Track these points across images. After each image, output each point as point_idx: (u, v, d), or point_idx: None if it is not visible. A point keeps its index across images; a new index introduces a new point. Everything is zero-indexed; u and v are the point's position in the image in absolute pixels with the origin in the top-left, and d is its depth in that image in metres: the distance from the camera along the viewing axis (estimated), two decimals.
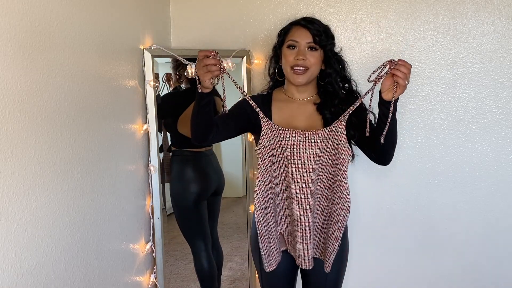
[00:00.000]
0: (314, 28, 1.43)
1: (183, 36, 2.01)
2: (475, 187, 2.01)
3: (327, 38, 1.45)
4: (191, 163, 2.11)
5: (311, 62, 1.42)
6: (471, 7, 1.89)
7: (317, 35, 1.43)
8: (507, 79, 1.92)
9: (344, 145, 1.36)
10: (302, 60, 1.41)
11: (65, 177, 1.17)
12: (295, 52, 1.43)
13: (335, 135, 1.38)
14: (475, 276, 2.09)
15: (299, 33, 1.44)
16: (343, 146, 1.37)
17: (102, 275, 1.41)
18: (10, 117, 0.93)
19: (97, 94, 1.36)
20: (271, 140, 1.40)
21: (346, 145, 1.36)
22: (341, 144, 1.37)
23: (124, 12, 1.57)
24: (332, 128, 1.38)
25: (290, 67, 1.44)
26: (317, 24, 1.45)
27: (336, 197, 1.42)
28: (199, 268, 2.12)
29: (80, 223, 1.26)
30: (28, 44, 1.00)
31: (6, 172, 0.93)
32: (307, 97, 1.51)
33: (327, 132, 1.38)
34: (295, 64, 1.42)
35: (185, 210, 2.08)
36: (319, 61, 1.45)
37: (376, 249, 2.10)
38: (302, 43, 1.43)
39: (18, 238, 0.98)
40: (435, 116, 1.97)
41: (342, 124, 1.37)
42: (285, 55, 1.46)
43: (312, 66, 1.43)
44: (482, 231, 2.04)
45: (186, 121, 2.02)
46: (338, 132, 1.37)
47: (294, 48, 1.44)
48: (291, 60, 1.43)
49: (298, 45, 1.43)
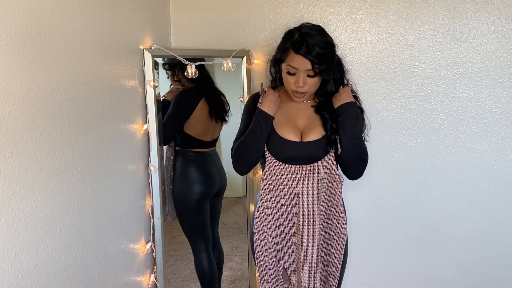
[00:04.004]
0: (313, 56, 1.36)
1: (183, 36, 2.00)
2: (475, 187, 2.01)
3: (327, 64, 1.40)
4: (195, 163, 2.10)
5: (310, 84, 1.43)
6: (471, 7, 1.89)
7: (316, 63, 1.37)
8: (507, 79, 1.92)
9: (336, 173, 1.48)
10: (302, 88, 1.42)
11: (65, 177, 1.17)
12: (294, 78, 1.42)
13: (328, 165, 1.48)
14: (475, 276, 2.09)
15: (297, 60, 1.38)
16: (335, 174, 1.48)
17: (102, 275, 1.41)
18: (10, 117, 0.93)
19: (97, 94, 1.36)
20: (275, 174, 1.49)
21: (337, 172, 1.47)
22: (333, 172, 1.48)
23: (124, 12, 1.57)
24: (324, 160, 1.47)
25: (291, 90, 1.46)
26: (317, 48, 1.36)
27: (334, 221, 1.51)
28: (200, 268, 2.12)
29: (80, 223, 1.26)
30: (28, 44, 1.00)
31: (6, 172, 0.93)
32: (306, 100, 1.53)
33: (324, 164, 1.47)
34: (295, 90, 1.44)
35: (188, 210, 2.07)
36: (318, 81, 1.45)
37: (376, 249, 2.10)
38: (301, 70, 1.40)
39: (18, 238, 0.98)
40: (435, 116, 1.97)
41: (331, 156, 1.47)
42: (285, 77, 1.45)
43: (312, 88, 1.45)
44: (482, 231, 2.04)
45: (194, 124, 2.03)
46: (329, 162, 1.47)
47: (293, 74, 1.42)
48: (291, 84, 1.44)
49: (298, 72, 1.41)
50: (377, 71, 1.96)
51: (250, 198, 2.00)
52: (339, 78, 1.52)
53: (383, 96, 1.97)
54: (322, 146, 1.47)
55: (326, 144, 1.47)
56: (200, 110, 2.04)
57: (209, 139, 2.11)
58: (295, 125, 1.49)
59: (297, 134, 1.49)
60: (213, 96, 2.07)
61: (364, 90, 1.92)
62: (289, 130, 1.48)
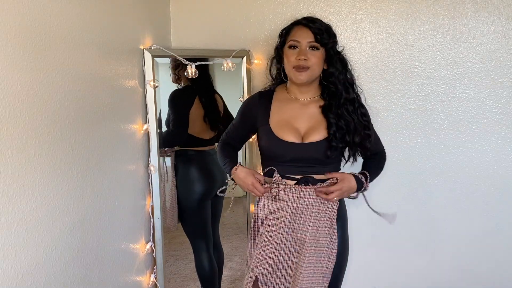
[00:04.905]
0: (315, 27, 1.43)
1: (183, 36, 2.01)
2: (475, 187, 2.01)
3: (329, 37, 1.45)
4: (195, 162, 2.10)
5: (312, 61, 1.42)
6: (471, 7, 1.89)
7: (318, 34, 1.42)
8: (507, 79, 1.92)
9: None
10: (303, 60, 1.41)
11: (65, 177, 1.17)
12: (296, 52, 1.43)
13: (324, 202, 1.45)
14: (475, 276, 2.09)
15: (300, 33, 1.44)
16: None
17: (102, 275, 1.41)
18: (10, 117, 0.93)
19: (97, 94, 1.36)
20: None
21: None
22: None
23: (124, 12, 1.57)
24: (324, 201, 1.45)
25: (292, 67, 1.44)
26: (318, 23, 1.44)
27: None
28: (200, 268, 2.12)
29: (80, 223, 1.26)
30: (28, 44, 1.00)
31: (6, 172, 0.93)
32: (310, 97, 1.50)
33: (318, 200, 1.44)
34: (297, 65, 1.42)
35: (189, 209, 2.07)
36: (321, 60, 1.45)
37: (376, 249, 2.10)
38: (303, 42, 1.42)
39: (18, 238, 0.98)
40: (435, 116, 1.97)
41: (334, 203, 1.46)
42: (286, 55, 1.46)
43: (314, 65, 1.43)
44: (482, 231, 2.04)
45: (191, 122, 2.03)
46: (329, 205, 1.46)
47: (296, 48, 1.44)
48: (293, 60, 1.43)
49: (300, 45, 1.43)
50: (377, 71, 1.96)
51: (250, 198, 2.00)
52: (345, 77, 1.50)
53: (383, 96, 1.97)
54: (322, 149, 1.44)
55: (327, 148, 1.43)
56: (196, 108, 2.05)
57: (208, 137, 2.11)
58: (296, 126, 1.47)
59: (297, 135, 1.46)
60: (208, 100, 2.07)
61: (364, 90, 1.89)
62: (288, 131, 1.46)
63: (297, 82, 1.46)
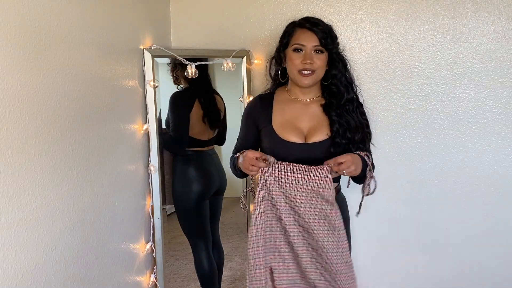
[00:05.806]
0: (320, 31, 1.43)
1: (183, 36, 2.00)
2: (475, 187, 2.01)
3: (332, 40, 1.46)
4: (193, 162, 2.10)
5: (317, 65, 1.43)
6: (471, 7, 1.89)
7: (323, 38, 1.42)
8: (507, 79, 1.92)
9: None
10: (309, 64, 1.42)
11: (65, 177, 1.17)
12: (301, 55, 1.43)
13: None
14: (475, 276, 2.09)
15: (304, 36, 1.44)
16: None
17: (102, 275, 1.41)
18: (10, 117, 0.94)
19: (97, 94, 1.36)
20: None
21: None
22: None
23: (124, 12, 1.57)
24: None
25: (297, 70, 1.44)
26: (321, 26, 1.44)
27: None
28: (199, 268, 2.12)
29: (80, 223, 1.26)
30: (28, 44, 1.00)
31: (6, 172, 0.93)
32: (311, 97, 1.51)
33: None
34: (302, 68, 1.43)
35: (187, 209, 2.07)
36: (325, 63, 1.46)
37: (376, 249, 2.10)
38: (308, 46, 1.43)
39: (18, 238, 0.98)
40: (435, 116, 1.97)
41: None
42: (291, 59, 1.45)
43: (319, 69, 1.44)
44: (482, 231, 2.04)
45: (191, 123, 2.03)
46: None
47: (300, 51, 1.44)
48: (298, 63, 1.43)
49: (305, 49, 1.43)
50: (377, 71, 1.96)
51: (250, 198, 2.00)
52: (345, 78, 1.51)
53: (383, 96, 1.97)
54: (325, 148, 1.44)
55: (330, 146, 1.44)
56: (196, 110, 2.05)
57: (206, 138, 2.11)
58: (298, 126, 1.47)
59: (300, 136, 1.46)
60: (207, 100, 2.07)
61: (364, 90, 1.91)
62: (291, 132, 1.46)
63: (302, 86, 1.47)
